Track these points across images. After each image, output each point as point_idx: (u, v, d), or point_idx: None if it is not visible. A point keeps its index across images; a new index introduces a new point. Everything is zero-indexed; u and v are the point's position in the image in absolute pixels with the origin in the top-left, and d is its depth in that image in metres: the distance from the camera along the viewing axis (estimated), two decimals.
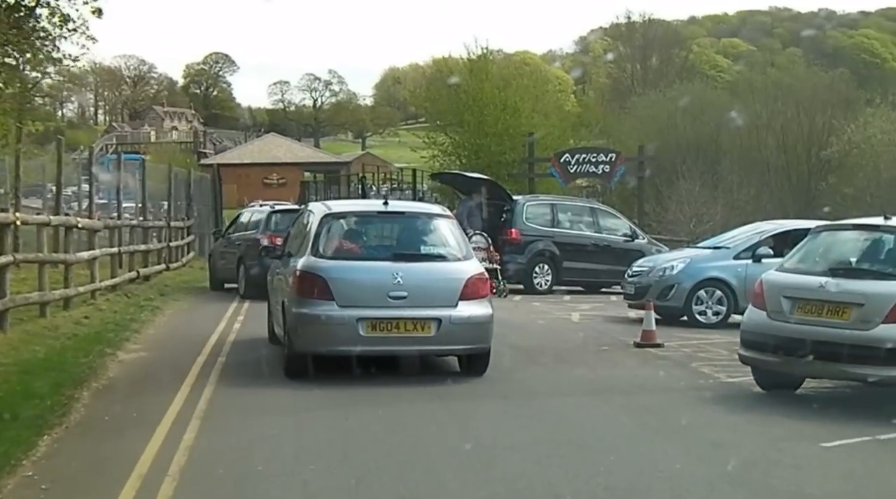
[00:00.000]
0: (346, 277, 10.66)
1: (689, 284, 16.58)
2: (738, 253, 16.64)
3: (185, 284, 23.02)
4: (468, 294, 10.83)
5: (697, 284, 16.59)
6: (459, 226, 20.45)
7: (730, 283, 16.45)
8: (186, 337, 14.63)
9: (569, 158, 32.10)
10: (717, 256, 16.98)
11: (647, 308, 14.45)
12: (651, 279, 17.07)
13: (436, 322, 10.59)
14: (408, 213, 12.43)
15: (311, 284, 10.61)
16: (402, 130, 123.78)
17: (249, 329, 15.20)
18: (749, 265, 16.29)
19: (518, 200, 22.48)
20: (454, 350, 11.14)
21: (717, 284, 16.53)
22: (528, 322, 16.81)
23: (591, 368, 12.40)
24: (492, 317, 11.09)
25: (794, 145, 45.22)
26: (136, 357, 12.71)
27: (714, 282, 16.56)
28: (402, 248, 11.34)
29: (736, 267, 16.44)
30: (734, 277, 16.42)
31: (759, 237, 16.85)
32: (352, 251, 11.22)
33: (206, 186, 32.54)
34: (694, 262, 17.03)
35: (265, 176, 72.63)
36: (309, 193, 45.34)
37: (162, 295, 19.95)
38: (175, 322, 16.49)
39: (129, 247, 20.68)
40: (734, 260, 16.59)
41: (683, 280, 16.67)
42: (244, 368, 11.96)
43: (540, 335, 15.30)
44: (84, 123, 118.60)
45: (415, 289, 10.56)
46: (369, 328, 10.46)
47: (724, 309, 16.50)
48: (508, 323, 16.28)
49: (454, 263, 11.12)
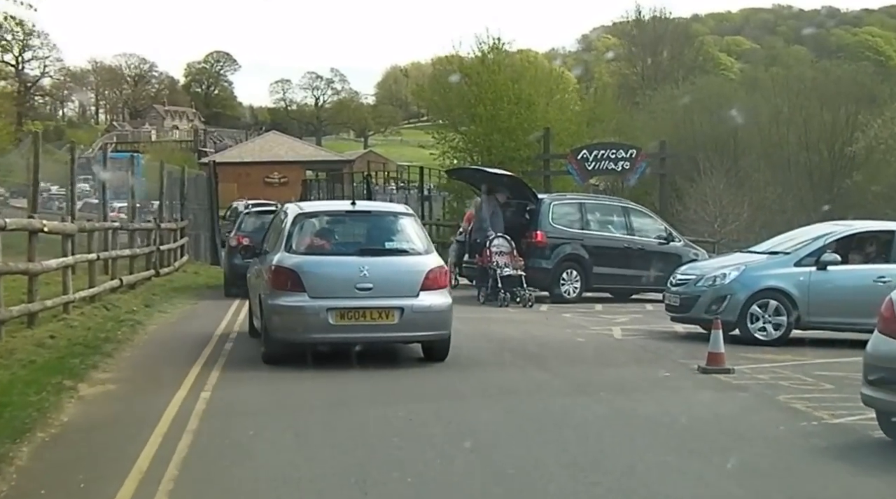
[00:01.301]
0: (316, 271, 11.39)
1: (745, 295, 14.24)
2: (801, 259, 14.33)
3: (176, 291, 20.53)
4: (428, 285, 11.54)
5: (753, 295, 14.24)
6: (482, 228, 18.41)
7: (790, 293, 14.16)
8: (168, 360, 12.20)
9: (586, 154, 29.65)
10: (775, 263, 14.62)
11: (714, 327, 11.95)
12: (699, 289, 14.66)
13: (399, 311, 11.30)
14: (374, 212, 13.39)
15: (285, 277, 11.37)
16: (404, 128, 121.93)
17: (245, 350, 12.77)
18: (812, 273, 14.18)
19: (543, 198, 19.97)
20: (416, 337, 11.74)
21: (775, 296, 14.21)
22: (565, 340, 14.35)
23: (659, 404, 9.92)
24: (451, 306, 11.74)
25: (816, 141, 42.80)
26: (101, 392, 10.22)
27: (772, 292, 14.23)
28: (368, 243, 12.04)
29: (797, 275, 14.24)
30: (795, 287, 14.15)
31: (823, 241, 14.53)
32: (322, 247, 11.98)
33: (201, 185, 30.02)
34: (749, 269, 14.61)
35: (266, 175, 70.18)
36: (311, 193, 42.87)
37: (147, 306, 17.47)
38: (157, 340, 14.01)
39: (111, 252, 18.20)
40: (795, 267, 14.29)
41: (737, 290, 14.32)
42: (234, 409, 9.50)
43: (584, 358, 12.83)
44: (85, 123, 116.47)
45: (379, 281, 11.27)
46: (338, 317, 11.20)
47: (785, 323, 14.14)
48: (544, 342, 13.88)
49: (416, 257, 11.84)
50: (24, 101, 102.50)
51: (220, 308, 18.09)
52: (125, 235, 20.06)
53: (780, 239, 15.97)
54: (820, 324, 14.33)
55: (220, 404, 9.52)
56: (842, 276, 14.22)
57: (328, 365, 11.49)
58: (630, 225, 20.58)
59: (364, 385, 10.73)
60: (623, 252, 20.11)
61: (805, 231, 15.88)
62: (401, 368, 11.86)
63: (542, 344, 13.74)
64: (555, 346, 13.56)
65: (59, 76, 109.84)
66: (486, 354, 12.89)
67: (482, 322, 16.02)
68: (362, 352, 11.75)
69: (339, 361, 11.62)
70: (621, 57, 67.07)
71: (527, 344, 13.74)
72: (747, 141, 44.29)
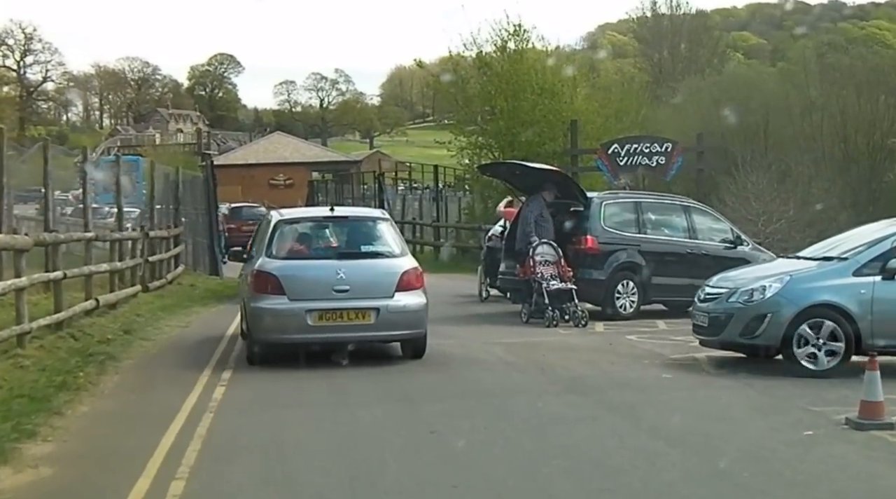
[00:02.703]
0: (295, 275, 11.61)
1: (790, 313, 11.00)
2: (862, 266, 11.14)
3: (165, 310, 17.34)
4: (403, 286, 11.67)
5: (801, 313, 10.99)
6: (525, 233, 15.22)
7: (849, 311, 10.93)
8: (136, 422, 9.01)
9: (618, 148, 26.48)
10: (828, 272, 11.39)
11: (869, 366, 8.71)
12: (733, 306, 11.45)
13: (375, 311, 11.46)
14: (351, 217, 13.51)
15: (265, 281, 11.56)
16: (410, 129, 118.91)
17: (242, 397, 9.60)
18: (877, 283, 10.99)
19: (594, 198, 16.67)
20: (393, 336, 11.90)
21: (828, 314, 10.98)
22: (646, 377, 11.09)
23: (834, 493, 6.72)
24: (425, 306, 11.80)
25: (853, 132, 39.43)
26: (29, 483, 7.03)
27: (825, 310, 11.01)
28: (345, 247, 12.35)
29: (858, 287, 11.02)
30: (855, 303, 10.95)
31: (891, 242, 11.28)
32: (301, 252, 12.21)
33: (199, 188, 26.79)
34: (795, 281, 11.35)
35: (271, 177, 67.06)
36: (318, 195, 39.64)
37: (126, 332, 14.29)
38: (127, 386, 10.79)
39: (85, 267, 15.01)
40: (855, 277, 11.09)
41: (781, 307, 11.10)
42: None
43: (686, 407, 9.52)
44: (89, 127, 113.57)
45: (356, 283, 11.43)
46: (317, 318, 11.38)
47: (842, 347, 10.89)
48: (624, 381, 10.66)
49: (391, 260, 11.98)
50: (27, 106, 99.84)
51: (215, 328, 15.05)
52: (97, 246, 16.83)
53: (832, 241, 12.64)
54: (889, 349, 11.00)
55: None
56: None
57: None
58: (692, 226, 17.33)
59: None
60: (685, 258, 16.85)
61: (863, 231, 12.53)
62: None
63: (623, 385, 10.51)
64: (639, 387, 10.35)
65: (62, 80, 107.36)
66: (553, 401, 9.70)
67: (532, 349, 12.87)
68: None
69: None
70: (636, 52, 63.69)
71: (602, 385, 10.51)
72: (778, 133, 40.99)
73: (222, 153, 77.13)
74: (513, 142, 29.15)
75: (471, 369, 11.53)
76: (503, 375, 11.18)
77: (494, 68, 30.70)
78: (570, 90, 30.63)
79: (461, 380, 10.91)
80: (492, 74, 30.48)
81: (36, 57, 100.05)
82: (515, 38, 31.02)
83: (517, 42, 31.03)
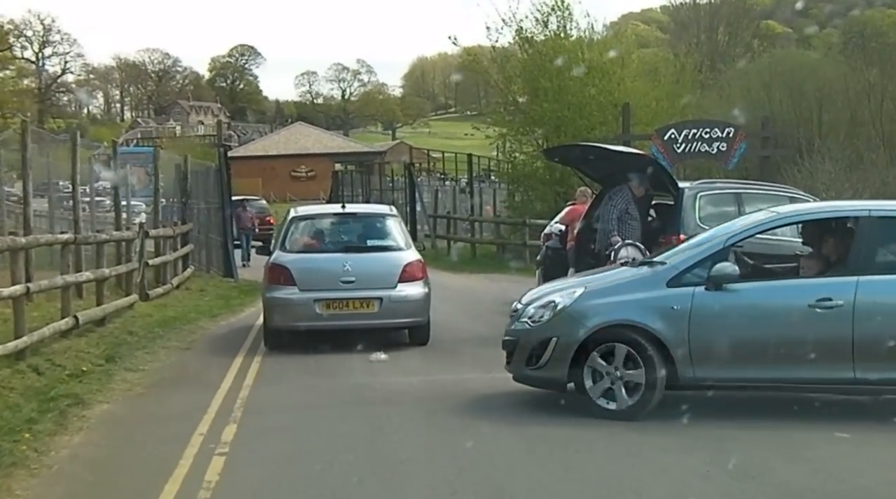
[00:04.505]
0: (305, 267, 12.24)
1: (578, 337, 8.22)
2: (681, 273, 8.23)
3: (165, 325, 14.16)
4: (405, 277, 12.18)
5: (592, 337, 8.20)
6: (605, 232, 12.06)
7: (655, 332, 8.09)
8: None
9: (675, 134, 23.10)
10: (635, 282, 8.52)
11: None
12: (522, 328, 8.66)
13: (378, 301, 12.02)
14: (359, 214, 14.58)
15: (279, 273, 12.23)
16: (432, 120, 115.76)
17: (250, 481, 6.44)
18: (697, 296, 8.10)
19: (685, 189, 13.27)
20: (396, 324, 12.31)
21: (625, 336, 8.15)
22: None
23: None
24: (427, 295, 12.28)
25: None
26: None
27: (622, 331, 8.19)
28: (352, 242, 12.90)
29: (669, 301, 8.15)
30: (664, 322, 8.10)
31: (723, 241, 8.48)
32: (312, 246, 12.91)
33: (211, 180, 23.57)
34: (589, 294, 8.50)
35: (293, 168, 64.00)
36: (342, 186, 36.38)
37: (109, 360, 11.12)
38: (85, 461, 7.49)
39: (56, 279, 11.84)
40: (669, 288, 8.20)
41: (567, 328, 8.32)
42: None
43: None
44: (110, 120, 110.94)
45: (361, 274, 11.98)
46: (324, 307, 11.95)
47: (642, 382, 8.07)
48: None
49: (394, 253, 12.52)
50: (45, 98, 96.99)
51: (222, 351, 12.01)
52: (86, 249, 13.69)
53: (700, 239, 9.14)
54: (713, 381, 8.17)
55: None
56: (751, 297, 8.23)
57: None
58: None
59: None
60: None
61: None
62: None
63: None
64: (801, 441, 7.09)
65: (81, 72, 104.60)
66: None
67: None
68: None
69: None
70: (659, 41, 60.09)
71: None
72: (833, 118, 37.62)
73: (243, 144, 74.14)
74: (559, 126, 25.85)
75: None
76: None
77: (536, 46, 27.39)
78: (620, 70, 27.30)
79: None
80: (534, 52, 27.15)
81: (55, 48, 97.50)
82: (557, 13, 27.69)
83: (560, 18, 27.70)
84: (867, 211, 8.53)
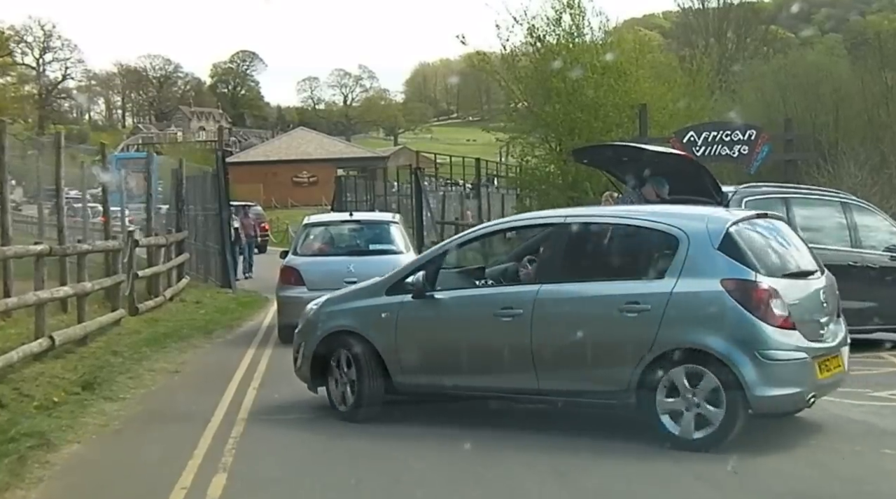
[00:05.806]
0: (313, 269, 13.46)
1: (314, 343, 8.69)
2: (398, 281, 8.41)
3: (154, 343, 12.76)
4: None
5: (323, 342, 8.61)
6: None
7: (369, 338, 8.33)
8: None
9: (694, 136, 21.99)
10: (366, 288, 8.78)
11: None
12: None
13: None
14: (364, 221, 15.38)
15: (290, 275, 13.59)
16: (434, 125, 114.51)
17: None
18: (405, 304, 8.22)
19: (730, 193, 11.87)
20: None
21: (346, 342, 8.44)
22: None
23: None
24: None
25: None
26: None
27: (343, 337, 8.50)
28: (357, 246, 14.33)
29: (380, 309, 8.36)
30: (375, 329, 8.34)
31: (435, 251, 8.77)
32: (320, 250, 14.29)
33: (208, 185, 22.17)
34: (330, 301, 8.95)
35: (295, 174, 62.57)
36: (345, 192, 34.97)
37: (85, 388, 9.70)
38: None
39: (28, 295, 10.45)
40: (387, 296, 8.38)
41: (308, 334, 8.83)
42: None
43: None
44: (111, 126, 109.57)
45: (363, 275, 11.16)
46: None
47: (352, 386, 8.31)
48: None
49: (395, 256, 13.20)
50: (46, 104, 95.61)
51: (216, 376, 10.57)
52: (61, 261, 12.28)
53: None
54: (414, 389, 8.25)
55: None
56: (446, 307, 8.11)
57: None
58: (854, 230, 12.63)
59: None
60: (847, 274, 12.00)
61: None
62: None
63: None
64: None
65: (82, 78, 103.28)
66: None
67: None
68: None
69: None
70: (662, 46, 58.73)
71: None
72: (850, 121, 36.31)
73: (244, 150, 72.81)
74: (573, 129, 24.50)
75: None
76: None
77: (547, 45, 26.04)
78: (636, 70, 25.96)
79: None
80: (546, 51, 25.80)
81: (55, 54, 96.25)
82: (570, 10, 26.36)
83: (573, 16, 26.37)
84: (563, 218, 8.23)
